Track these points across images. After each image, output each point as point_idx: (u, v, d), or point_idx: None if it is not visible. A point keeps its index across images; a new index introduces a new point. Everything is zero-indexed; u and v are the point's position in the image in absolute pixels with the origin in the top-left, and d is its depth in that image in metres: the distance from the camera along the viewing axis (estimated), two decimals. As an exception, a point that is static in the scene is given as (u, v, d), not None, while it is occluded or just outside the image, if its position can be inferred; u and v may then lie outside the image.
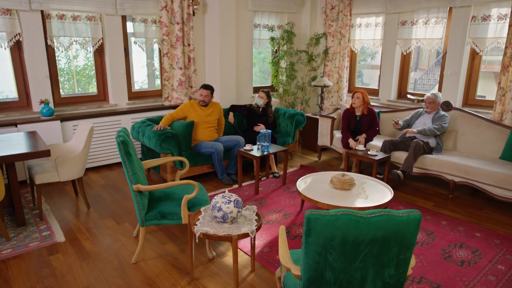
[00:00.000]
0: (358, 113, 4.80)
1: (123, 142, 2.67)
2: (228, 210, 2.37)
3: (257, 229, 2.43)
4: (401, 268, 1.65)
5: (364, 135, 4.72)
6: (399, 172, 4.24)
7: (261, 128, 4.88)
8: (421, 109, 4.62)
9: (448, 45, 4.95)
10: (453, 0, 4.72)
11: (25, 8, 4.14)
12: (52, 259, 2.92)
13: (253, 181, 4.54)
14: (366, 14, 5.87)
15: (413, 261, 1.83)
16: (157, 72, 5.75)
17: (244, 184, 4.48)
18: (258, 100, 5.00)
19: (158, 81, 5.79)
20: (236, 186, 4.42)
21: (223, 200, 2.39)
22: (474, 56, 4.83)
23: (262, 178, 4.66)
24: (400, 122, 4.60)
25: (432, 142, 4.33)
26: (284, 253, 1.84)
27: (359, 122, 4.81)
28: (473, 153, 4.35)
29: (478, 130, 4.40)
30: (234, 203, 2.39)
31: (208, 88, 4.49)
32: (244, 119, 5.27)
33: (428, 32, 5.16)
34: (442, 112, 4.45)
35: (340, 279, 1.64)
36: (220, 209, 2.37)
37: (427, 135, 4.32)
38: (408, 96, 5.61)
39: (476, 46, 4.69)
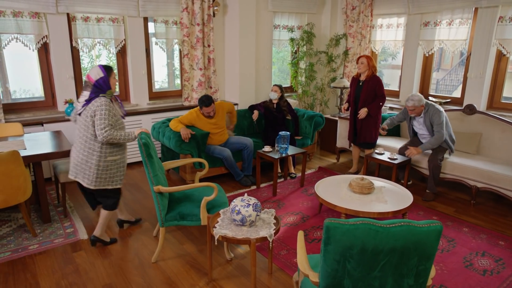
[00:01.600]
0: (362, 78, 4.45)
1: (145, 145, 2.73)
2: (247, 214, 2.40)
3: (276, 233, 2.45)
4: (421, 279, 1.63)
5: (365, 109, 4.39)
6: (428, 193, 4.19)
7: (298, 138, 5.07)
8: None
9: (472, 46, 4.82)
10: (479, 0, 4.59)
11: (52, 11, 4.27)
12: (75, 255, 3.02)
13: (270, 182, 4.55)
14: (388, 14, 5.78)
15: (433, 272, 1.81)
16: (177, 72, 5.83)
17: (262, 185, 4.50)
18: (272, 94, 4.97)
19: (177, 81, 5.87)
20: (254, 187, 4.44)
21: (242, 203, 2.42)
22: (501, 58, 4.70)
23: (280, 180, 4.67)
24: (386, 123, 4.41)
25: (443, 144, 4.14)
26: (302, 259, 1.85)
27: (360, 87, 4.44)
28: (498, 158, 4.24)
29: (503, 135, 4.27)
30: (253, 206, 2.41)
31: (211, 103, 4.25)
32: (262, 119, 5.29)
33: (452, 33, 5.05)
34: (431, 109, 4.05)
35: (358, 287, 1.64)
36: (239, 213, 2.40)
37: (434, 146, 4.11)
38: (430, 98, 5.50)
39: (503, 47, 4.56)
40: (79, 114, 2.88)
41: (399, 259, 1.56)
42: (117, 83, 2.91)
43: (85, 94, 2.84)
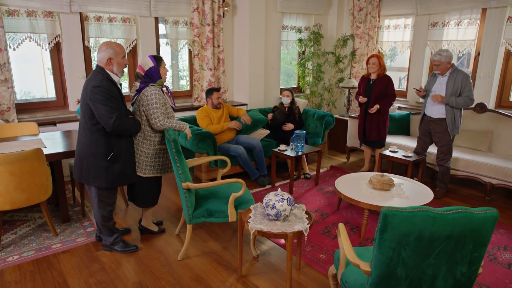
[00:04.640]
0: (373, 77, 4.51)
1: (174, 141, 2.73)
2: (282, 208, 2.40)
3: (310, 227, 2.45)
4: (474, 266, 1.65)
5: (377, 106, 4.43)
6: (438, 191, 4.22)
7: (290, 127, 4.91)
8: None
9: (481, 46, 4.90)
10: (488, 1, 4.68)
11: (66, 10, 4.24)
12: (99, 254, 2.98)
13: (285, 181, 4.56)
14: (395, 15, 5.85)
15: (482, 260, 1.83)
16: (181, 73, 5.83)
17: (276, 184, 4.50)
18: (285, 99, 5.02)
19: (182, 82, 5.87)
20: (269, 186, 4.44)
21: (276, 198, 2.42)
22: (509, 57, 4.79)
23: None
24: (422, 88, 4.18)
25: (450, 115, 3.91)
26: (350, 250, 1.86)
27: (371, 86, 4.50)
28: (511, 155, 4.30)
29: (515, 132, 4.34)
30: (287, 201, 2.41)
31: (219, 89, 4.54)
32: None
33: (460, 33, 5.13)
34: (460, 73, 3.80)
35: (411, 275, 1.65)
36: (273, 207, 2.40)
37: (459, 106, 3.84)
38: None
39: None
40: (132, 104, 3.01)
41: (455, 246, 1.58)
42: (167, 72, 3.05)
43: (136, 85, 2.95)
